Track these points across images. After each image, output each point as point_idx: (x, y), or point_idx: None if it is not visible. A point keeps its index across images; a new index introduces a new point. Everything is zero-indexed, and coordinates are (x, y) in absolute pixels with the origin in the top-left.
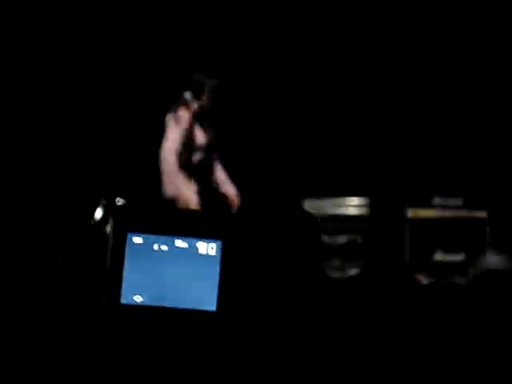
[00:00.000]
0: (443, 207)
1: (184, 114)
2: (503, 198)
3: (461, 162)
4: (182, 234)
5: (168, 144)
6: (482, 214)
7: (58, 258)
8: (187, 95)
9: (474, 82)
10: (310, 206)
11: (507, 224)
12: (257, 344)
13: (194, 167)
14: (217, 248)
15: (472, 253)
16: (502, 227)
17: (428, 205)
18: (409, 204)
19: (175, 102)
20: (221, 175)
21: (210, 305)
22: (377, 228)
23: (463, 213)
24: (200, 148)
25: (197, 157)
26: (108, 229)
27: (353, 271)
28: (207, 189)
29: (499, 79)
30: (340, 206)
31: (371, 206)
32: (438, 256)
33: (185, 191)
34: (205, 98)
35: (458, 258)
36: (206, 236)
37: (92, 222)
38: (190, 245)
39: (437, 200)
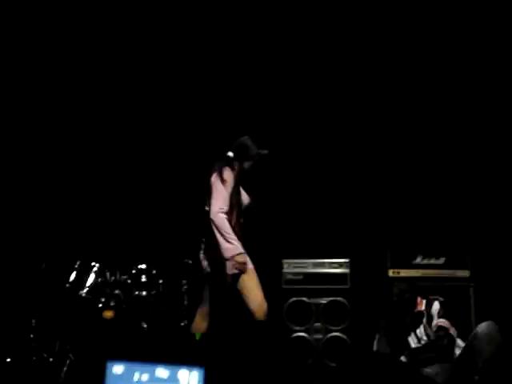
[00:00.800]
0: (425, 266)
1: (231, 175)
2: (486, 258)
3: (443, 222)
4: (163, 361)
5: (218, 205)
6: (465, 273)
7: (31, 320)
8: (230, 155)
9: (450, 148)
10: (291, 265)
11: (490, 283)
12: None
13: (241, 228)
14: (199, 376)
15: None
16: (485, 286)
17: (409, 265)
18: (390, 264)
19: (218, 162)
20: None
21: None
22: (358, 289)
23: (445, 272)
24: (246, 208)
25: (243, 217)
26: (82, 291)
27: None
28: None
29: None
30: (321, 266)
31: (352, 266)
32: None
33: (243, 250)
34: (248, 161)
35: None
36: (188, 363)
37: (67, 285)
38: (171, 373)
39: (418, 259)
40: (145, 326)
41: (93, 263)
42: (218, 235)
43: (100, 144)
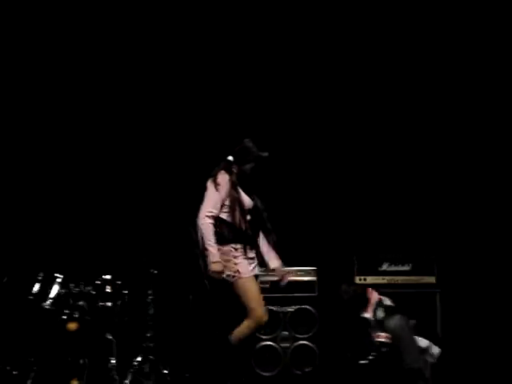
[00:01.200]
0: (391, 273)
1: (226, 178)
2: (452, 264)
3: (409, 229)
4: None
5: (206, 209)
6: (431, 279)
7: None
8: (230, 159)
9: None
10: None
11: (456, 289)
12: None
13: (247, 233)
14: None
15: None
16: (451, 292)
17: (376, 272)
18: (357, 271)
19: (216, 167)
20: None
21: None
22: (326, 296)
23: (412, 279)
24: (248, 211)
25: (247, 222)
26: (46, 303)
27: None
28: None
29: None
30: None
31: (319, 274)
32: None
33: (231, 264)
34: (249, 164)
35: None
36: None
37: (30, 297)
38: None
39: (385, 266)
40: (110, 337)
41: (56, 274)
42: (201, 241)
43: (65, 152)
